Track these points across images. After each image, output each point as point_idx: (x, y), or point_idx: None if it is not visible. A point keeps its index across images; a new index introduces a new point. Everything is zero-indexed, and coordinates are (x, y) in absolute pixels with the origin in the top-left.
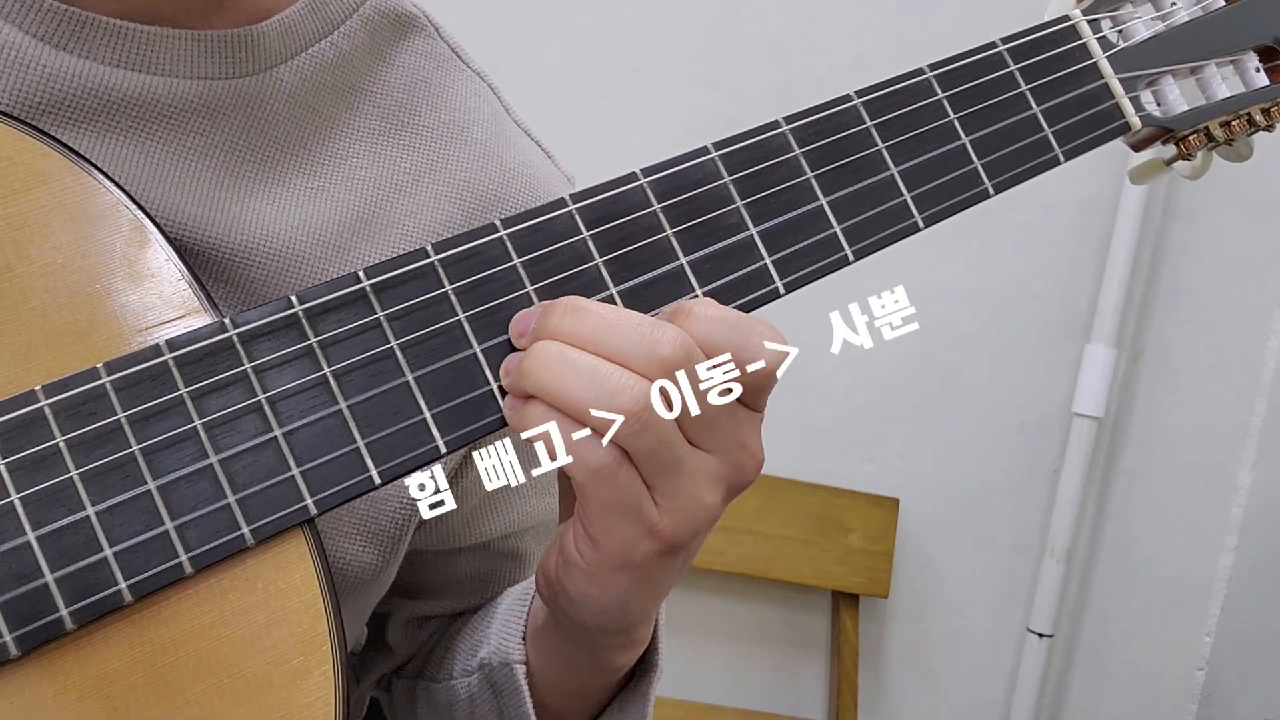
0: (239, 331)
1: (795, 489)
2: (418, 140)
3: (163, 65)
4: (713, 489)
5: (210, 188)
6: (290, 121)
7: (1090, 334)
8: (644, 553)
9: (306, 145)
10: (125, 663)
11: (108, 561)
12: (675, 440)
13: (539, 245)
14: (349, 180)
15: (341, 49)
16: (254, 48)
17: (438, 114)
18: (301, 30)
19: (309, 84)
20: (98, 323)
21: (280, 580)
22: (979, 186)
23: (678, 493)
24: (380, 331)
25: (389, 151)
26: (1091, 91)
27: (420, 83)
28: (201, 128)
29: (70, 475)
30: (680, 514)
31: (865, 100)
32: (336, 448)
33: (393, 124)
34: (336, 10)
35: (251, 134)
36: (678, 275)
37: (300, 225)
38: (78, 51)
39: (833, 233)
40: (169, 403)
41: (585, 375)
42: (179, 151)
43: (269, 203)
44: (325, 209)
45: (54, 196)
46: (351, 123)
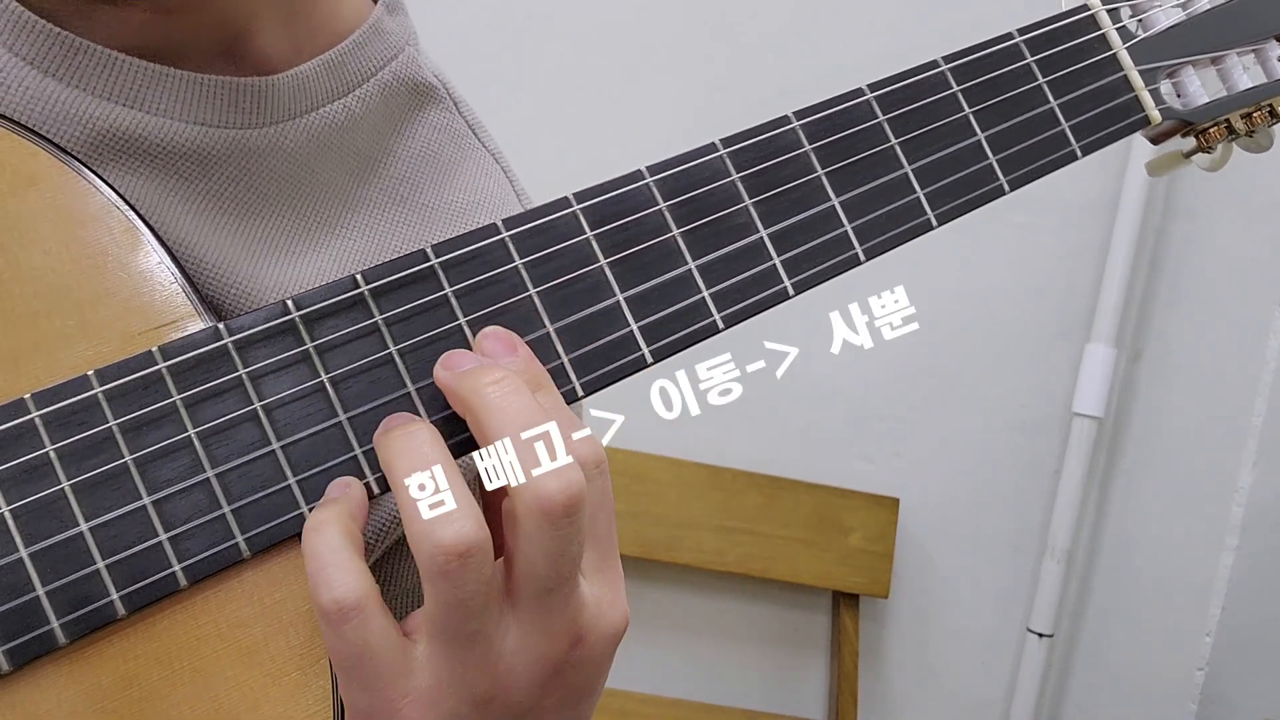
0: (234, 339)
1: (795, 489)
2: (417, 217)
3: (158, 105)
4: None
5: (187, 232)
6: (285, 180)
7: (1090, 333)
8: None
9: (297, 208)
10: (119, 677)
11: (100, 574)
12: (478, 607)
13: (542, 246)
14: (337, 250)
15: (354, 112)
16: (261, 100)
17: (443, 193)
18: (315, 88)
19: (313, 145)
20: (89, 328)
21: (277, 592)
22: (994, 183)
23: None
24: (379, 336)
25: (386, 226)
26: (1111, 84)
27: (430, 157)
28: (189, 173)
29: (61, 486)
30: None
31: (878, 95)
32: (333, 456)
33: (394, 198)
34: (354, 72)
35: (241, 187)
36: (685, 278)
37: (274, 286)
38: (67, 80)
39: (843, 232)
40: (162, 411)
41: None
42: (161, 191)
43: (246, 258)
44: (306, 275)
45: (44, 198)
46: (350, 190)
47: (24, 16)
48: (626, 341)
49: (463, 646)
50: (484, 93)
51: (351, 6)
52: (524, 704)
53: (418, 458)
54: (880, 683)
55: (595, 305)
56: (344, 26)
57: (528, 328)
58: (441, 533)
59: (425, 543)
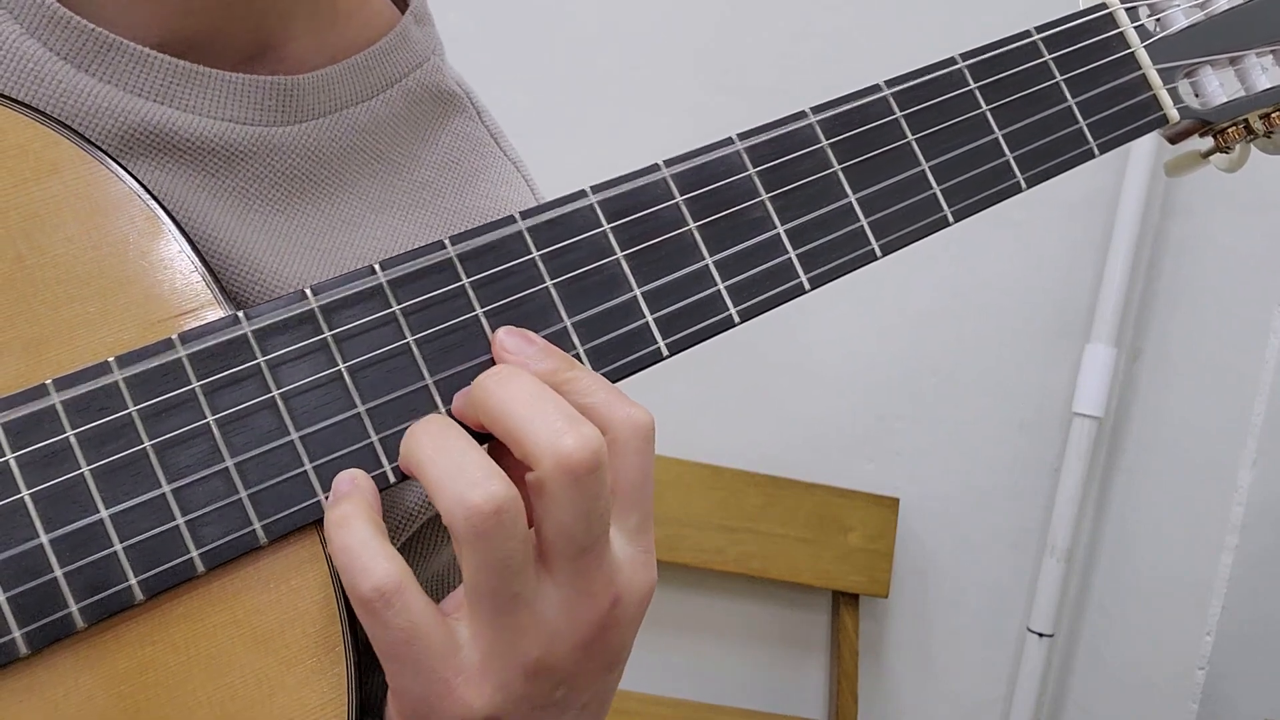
0: (253, 327)
1: (795, 488)
2: (437, 221)
3: (187, 101)
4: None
5: (212, 226)
6: (307, 178)
7: (1090, 333)
8: None
9: (318, 205)
10: (136, 662)
11: (118, 559)
12: (517, 566)
13: (559, 239)
14: (355, 248)
15: (378, 115)
16: (287, 98)
17: (464, 199)
18: (340, 89)
19: (336, 145)
20: (110, 315)
21: (293, 579)
22: (1011, 180)
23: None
24: (396, 326)
25: (404, 228)
26: (1129, 83)
27: (451, 164)
28: (217, 169)
29: (81, 471)
30: (498, 676)
31: (895, 91)
32: (350, 443)
33: (414, 201)
34: (380, 76)
35: (265, 183)
36: (701, 272)
37: (297, 282)
38: (99, 75)
39: (859, 227)
40: (181, 398)
41: (450, 458)
42: (188, 186)
43: (271, 253)
44: (329, 271)
45: (66, 185)
46: (371, 192)
47: (59, 12)
48: (643, 334)
49: (507, 612)
50: (498, 94)
51: (383, 17)
52: (570, 669)
53: (438, 435)
54: (880, 682)
55: (612, 298)
56: (373, 35)
57: (545, 319)
58: (472, 495)
59: (458, 509)
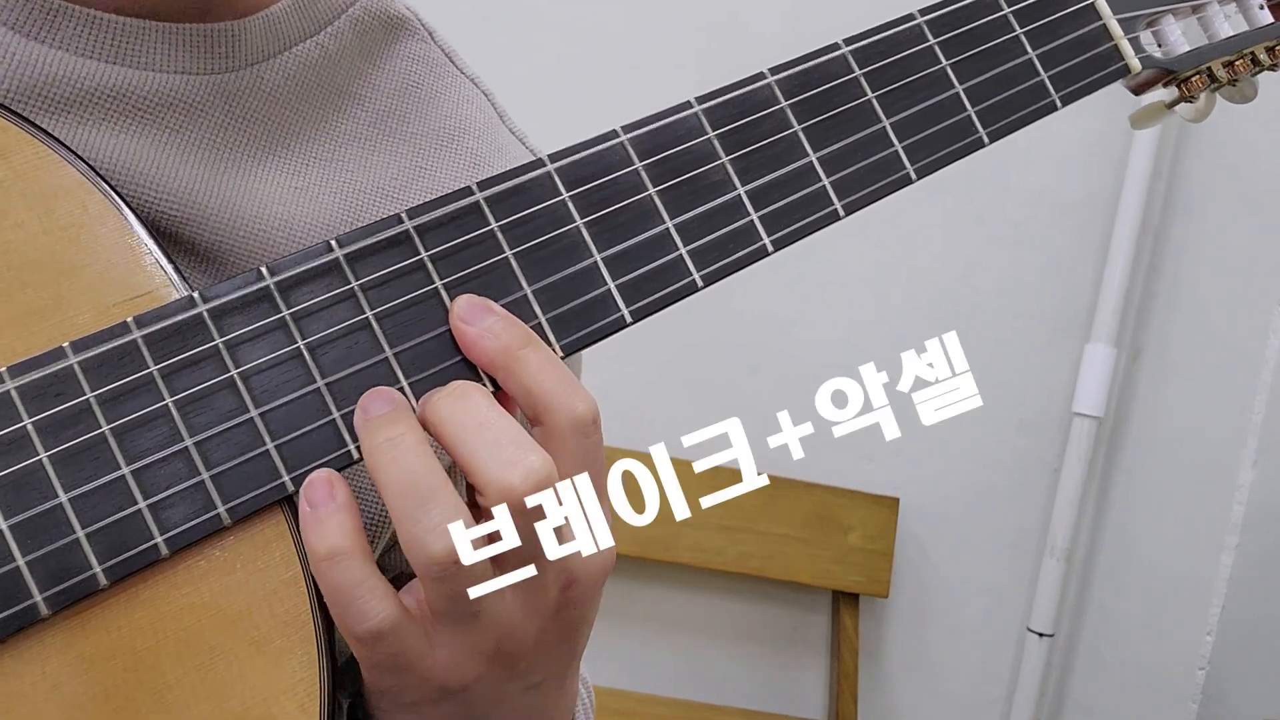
0: (209, 307)
1: (794, 488)
2: (406, 147)
3: (138, 58)
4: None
5: (186, 181)
6: (272, 120)
7: (1090, 333)
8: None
9: (289, 145)
10: (104, 647)
11: (81, 545)
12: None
13: (518, 208)
14: (333, 183)
15: (328, 50)
16: (235, 43)
17: (428, 120)
18: (286, 28)
19: (293, 84)
20: (63, 300)
21: (260, 559)
22: (973, 135)
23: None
24: (355, 302)
25: (376, 157)
26: (1089, 34)
27: (411, 88)
28: (178, 123)
29: (40, 458)
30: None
31: (853, 49)
32: (311, 422)
33: (381, 129)
34: (323, 10)
35: (230, 131)
36: (662, 236)
37: (280, 225)
38: (49, 41)
39: (821, 187)
40: (138, 381)
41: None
42: (155, 145)
43: (247, 198)
44: (307, 210)
45: (14, 171)
46: (338, 126)
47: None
48: (605, 301)
49: (467, 622)
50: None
51: None
52: (529, 645)
53: (405, 467)
54: (880, 682)
55: (573, 266)
56: None
57: (505, 290)
58: (433, 546)
59: (419, 554)
